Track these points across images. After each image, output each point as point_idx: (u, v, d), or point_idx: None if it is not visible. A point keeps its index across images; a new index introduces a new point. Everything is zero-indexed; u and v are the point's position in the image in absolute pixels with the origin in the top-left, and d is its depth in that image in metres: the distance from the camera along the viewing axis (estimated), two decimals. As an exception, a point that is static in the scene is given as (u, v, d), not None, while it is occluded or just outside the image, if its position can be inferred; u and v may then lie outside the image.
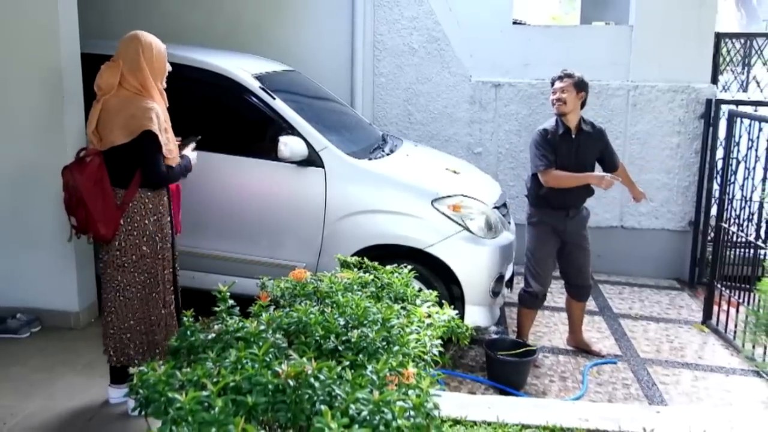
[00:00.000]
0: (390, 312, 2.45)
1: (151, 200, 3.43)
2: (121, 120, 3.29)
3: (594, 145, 4.57)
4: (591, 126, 4.60)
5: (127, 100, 3.33)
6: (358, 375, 1.99)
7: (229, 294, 2.51)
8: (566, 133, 4.50)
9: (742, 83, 6.68)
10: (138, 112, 3.29)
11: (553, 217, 4.56)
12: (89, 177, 3.33)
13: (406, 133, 6.46)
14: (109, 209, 3.35)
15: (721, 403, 4.22)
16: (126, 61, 3.36)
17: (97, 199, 3.33)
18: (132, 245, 3.41)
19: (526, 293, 4.68)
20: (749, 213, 5.39)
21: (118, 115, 3.30)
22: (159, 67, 3.45)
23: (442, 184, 4.63)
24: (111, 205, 3.35)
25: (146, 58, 3.38)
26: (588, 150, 4.54)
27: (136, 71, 3.35)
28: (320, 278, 2.84)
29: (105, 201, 3.34)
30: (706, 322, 5.38)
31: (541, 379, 4.44)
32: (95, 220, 3.34)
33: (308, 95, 5.45)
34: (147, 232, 3.42)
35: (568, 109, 4.45)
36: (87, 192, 3.32)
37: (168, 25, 6.39)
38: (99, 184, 3.34)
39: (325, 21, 6.47)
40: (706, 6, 6.26)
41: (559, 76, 4.52)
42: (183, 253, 4.69)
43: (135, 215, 3.40)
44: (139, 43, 3.39)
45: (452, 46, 6.44)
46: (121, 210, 3.38)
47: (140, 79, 3.36)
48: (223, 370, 1.96)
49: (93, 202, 3.33)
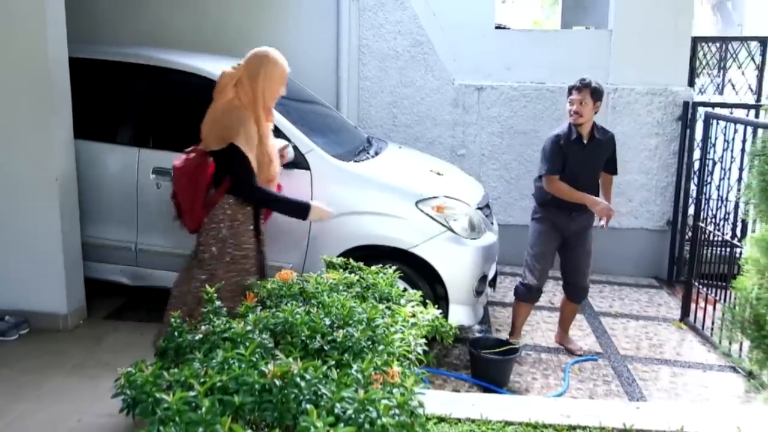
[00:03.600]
0: (375, 312, 2.49)
1: (231, 207, 3.47)
2: (218, 127, 3.40)
3: (604, 152, 4.64)
4: (603, 132, 4.65)
5: (230, 110, 3.41)
6: (344, 374, 2.03)
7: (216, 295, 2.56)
8: (578, 140, 4.54)
9: (718, 86, 6.79)
10: (232, 124, 3.36)
11: (556, 216, 4.62)
12: (183, 172, 3.50)
13: (390, 135, 6.52)
14: (197, 205, 3.49)
15: (699, 399, 4.31)
16: (248, 69, 3.45)
17: (187, 193, 3.51)
18: (207, 244, 3.48)
19: (521, 285, 4.78)
20: (725, 212, 5.49)
21: (217, 122, 3.41)
22: (274, 88, 3.51)
23: (426, 186, 4.69)
24: (199, 202, 3.49)
25: (266, 74, 3.45)
26: (598, 156, 4.61)
27: (252, 82, 3.43)
28: (306, 279, 2.88)
29: (195, 197, 3.49)
30: (684, 320, 5.48)
31: (524, 376, 4.51)
32: (182, 212, 3.58)
33: (294, 98, 5.46)
34: (219, 236, 3.46)
35: (585, 120, 4.50)
36: (179, 185, 3.54)
37: (155, 29, 6.42)
38: (192, 181, 3.48)
39: (310, 25, 6.50)
40: (683, 11, 6.37)
41: (577, 87, 4.50)
42: (170, 254, 4.75)
43: (215, 217, 3.47)
44: (267, 57, 3.48)
45: (436, 50, 6.51)
46: (206, 209, 3.48)
47: (253, 90, 3.43)
48: (210, 370, 1.99)
49: (183, 196, 3.53)
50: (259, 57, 3.47)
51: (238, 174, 3.41)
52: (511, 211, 6.60)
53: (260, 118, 3.47)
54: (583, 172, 4.56)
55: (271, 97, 3.52)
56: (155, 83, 4.91)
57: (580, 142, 4.55)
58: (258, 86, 3.43)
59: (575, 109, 4.49)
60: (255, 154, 3.44)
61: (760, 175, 2.80)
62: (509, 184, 6.63)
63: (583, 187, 4.54)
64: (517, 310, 4.87)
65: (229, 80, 3.43)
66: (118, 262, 4.88)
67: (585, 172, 4.57)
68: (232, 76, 3.44)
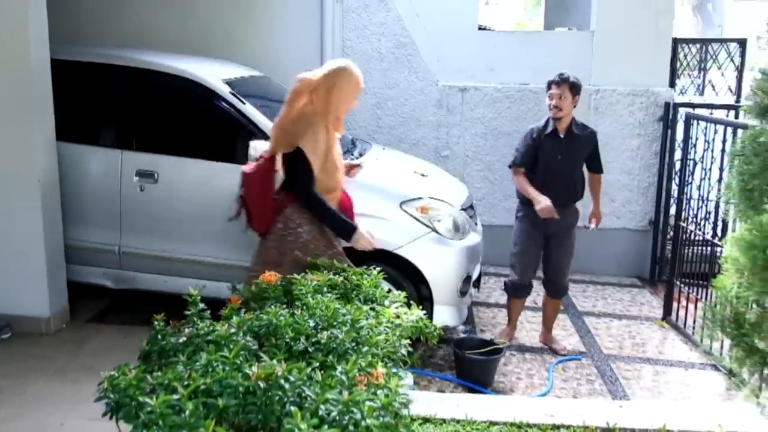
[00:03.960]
0: (359, 313, 2.48)
1: (306, 211, 3.56)
2: (289, 132, 3.49)
3: (582, 147, 4.69)
4: (582, 128, 4.70)
5: (302, 116, 3.50)
6: (328, 376, 2.02)
7: (200, 297, 2.55)
8: (554, 134, 4.62)
9: (698, 87, 6.86)
10: (303, 129, 3.46)
11: (537, 214, 4.64)
12: (253, 177, 3.58)
13: (374, 136, 6.53)
14: (266, 210, 3.58)
15: (681, 397, 4.36)
16: (326, 78, 3.50)
17: (256, 197, 3.58)
18: (288, 249, 3.53)
19: (507, 282, 4.90)
20: (706, 212, 5.54)
21: (288, 127, 3.50)
22: (347, 100, 3.58)
23: (410, 187, 4.70)
24: (268, 207, 3.57)
25: (342, 85, 3.52)
26: (576, 151, 4.66)
27: (328, 91, 3.49)
28: (291, 281, 2.88)
29: (263, 201, 3.57)
30: (666, 319, 5.53)
31: (509, 376, 4.54)
32: (252, 216, 3.65)
33: (278, 100, 5.44)
34: (300, 240, 3.53)
35: (564, 114, 4.58)
36: (250, 191, 3.60)
37: (139, 31, 6.40)
38: (261, 185, 3.58)
39: (295, 27, 6.51)
40: (664, 12, 6.43)
41: (556, 81, 4.57)
42: (154, 257, 4.74)
43: (290, 222, 3.55)
44: (346, 69, 3.55)
45: (419, 52, 6.53)
46: (275, 213, 3.55)
47: (327, 99, 3.50)
48: (193, 373, 1.97)
49: (252, 200, 3.60)
50: (338, 68, 3.54)
51: (299, 178, 3.52)
52: (495, 211, 6.63)
53: (330, 126, 3.56)
54: (558, 166, 4.62)
55: (344, 108, 3.59)
56: (138, 85, 4.89)
57: (556, 136, 4.62)
58: (333, 96, 3.50)
59: (555, 103, 4.55)
60: (321, 161, 3.51)
61: (739, 175, 2.81)
62: (493, 185, 6.66)
63: (559, 181, 4.61)
64: (509, 306, 5.01)
65: (306, 87, 3.50)
66: (101, 264, 4.86)
67: (561, 166, 4.62)
68: (309, 84, 3.49)
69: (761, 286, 2.60)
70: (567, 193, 4.66)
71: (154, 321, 2.40)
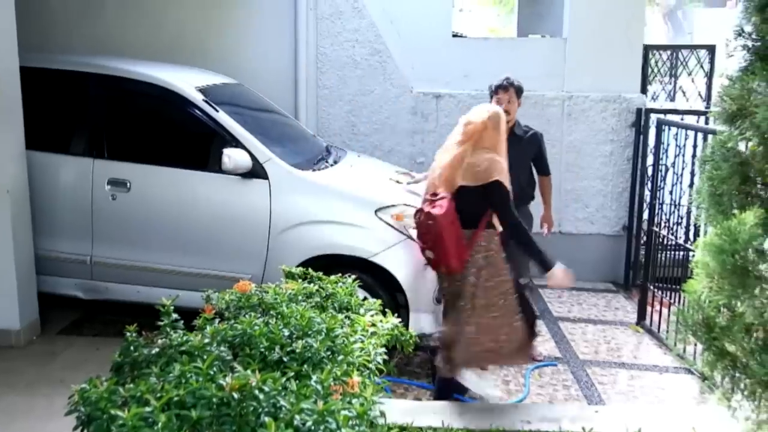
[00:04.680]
0: (334, 322, 2.48)
1: (485, 239, 3.74)
2: (473, 167, 3.72)
3: (526, 149, 4.72)
4: (525, 131, 4.75)
5: (481, 152, 3.76)
6: (303, 385, 2.01)
7: (173, 307, 2.52)
8: None
9: (669, 93, 6.94)
10: (492, 164, 3.72)
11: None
12: (446, 216, 3.67)
13: (349, 144, 6.52)
14: (461, 245, 3.69)
15: (656, 401, 4.38)
16: (491, 120, 3.80)
17: (452, 236, 3.67)
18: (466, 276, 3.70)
19: None
20: (678, 217, 5.60)
21: (471, 163, 3.73)
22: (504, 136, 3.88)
23: (385, 194, 4.70)
24: (462, 242, 3.70)
25: (501, 122, 3.83)
26: (519, 153, 4.67)
27: (496, 130, 3.80)
28: (265, 290, 2.85)
29: (458, 238, 3.69)
30: (640, 323, 5.57)
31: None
32: (450, 256, 3.68)
33: (252, 108, 5.47)
34: (477, 265, 3.69)
35: (512, 117, 4.62)
36: (445, 230, 3.66)
37: (111, 38, 6.35)
38: (453, 223, 3.68)
39: (268, 34, 6.49)
40: (635, 19, 6.50)
41: (503, 86, 4.62)
42: (127, 267, 4.68)
43: (489, 250, 3.75)
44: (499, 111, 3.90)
45: (394, 59, 6.54)
46: (469, 247, 3.70)
47: (497, 137, 3.80)
48: (166, 384, 1.95)
49: (449, 239, 3.67)
50: (497, 112, 3.87)
51: (507, 208, 3.77)
52: (471, 218, 6.63)
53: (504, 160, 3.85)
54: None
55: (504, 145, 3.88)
56: (110, 93, 4.85)
57: None
58: (500, 135, 3.82)
59: (505, 108, 4.56)
60: None
61: (709, 180, 2.84)
62: (468, 192, 6.66)
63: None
64: None
65: (482, 127, 3.77)
66: (72, 275, 4.80)
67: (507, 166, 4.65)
68: (483, 124, 3.78)
69: (731, 290, 2.62)
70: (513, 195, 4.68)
71: (127, 332, 2.37)
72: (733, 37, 2.76)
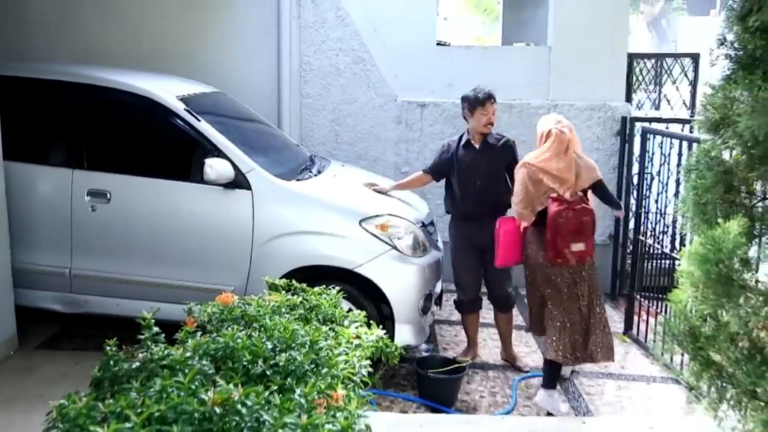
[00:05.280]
0: (318, 334, 2.44)
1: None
2: (585, 170, 4.28)
3: (499, 157, 4.73)
4: (497, 139, 4.76)
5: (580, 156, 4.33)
6: (287, 399, 1.98)
7: (154, 321, 2.47)
8: (468, 145, 4.73)
9: (654, 101, 6.97)
10: (592, 166, 4.35)
11: (465, 227, 4.77)
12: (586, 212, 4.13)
13: (333, 153, 6.48)
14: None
15: (644, 411, 4.36)
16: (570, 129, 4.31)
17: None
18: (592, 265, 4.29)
19: (455, 300, 4.97)
20: (664, 225, 5.60)
21: (581, 167, 4.27)
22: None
23: (370, 204, 4.67)
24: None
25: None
26: (492, 162, 4.71)
27: (574, 137, 4.34)
28: (248, 302, 2.81)
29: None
30: (627, 333, 5.56)
31: (472, 395, 4.50)
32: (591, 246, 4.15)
33: (234, 117, 5.43)
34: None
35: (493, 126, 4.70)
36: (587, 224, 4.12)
37: (91, 46, 6.28)
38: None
39: (251, 42, 6.45)
40: (619, 28, 6.53)
41: (491, 98, 4.67)
42: (107, 279, 4.61)
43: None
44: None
45: (378, 67, 6.51)
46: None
47: (575, 142, 4.34)
48: (147, 399, 1.91)
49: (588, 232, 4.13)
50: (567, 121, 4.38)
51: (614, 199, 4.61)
52: (456, 227, 6.60)
53: None
54: (475, 177, 4.69)
55: None
56: (90, 102, 4.78)
57: (471, 147, 4.73)
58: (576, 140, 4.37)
59: (491, 119, 4.69)
60: None
61: (693, 189, 2.85)
62: (453, 201, 6.64)
63: (478, 192, 4.69)
64: (463, 323, 5.04)
65: (572, 135, 4.30)
66: (51, 288, 4.70)
67: (478, 177, 4.69)
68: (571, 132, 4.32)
69: (715, 299, 2.63)
70: (489, 202, 4.71)
71: (107, 346, 2.32)
72: (715, 46, 2.77)
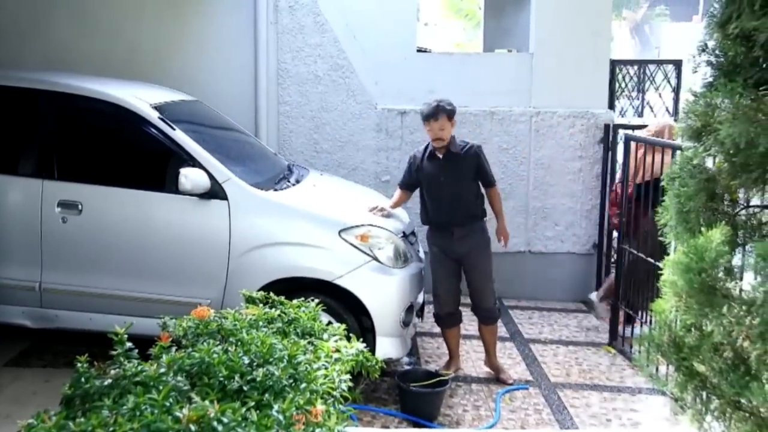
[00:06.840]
0: (296, 348, 2.37)
1: None
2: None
3: (464, 165, 4.66)
4: (461, 146, 4.69)
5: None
6: (264, 415, 1.93)
7: (127, 336, 2.37)
8: (432, 155, 4.69)
9: (637, 108, 6.96)
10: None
11: (439, 238, 4.72)
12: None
13: (312, 162, 6.39)
14: None
15: (629, 423, 4.30)
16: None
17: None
18: None
19: (434, 314, 4.86)
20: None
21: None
22: None
23: (350, 214, 4.58)
24: None
25: None
26: (458, 170, 4.65)
27: None
28: (224, 315, 2.73)
29: None
30: (612, 344, 5.51)
31: (455, 408, 4.41)
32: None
33: (210, 125, 5.33)
34: None
35: (446, 140, 4.61)
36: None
37: (64, 53, 6.17)
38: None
39: (227, 49, 6.36)
40: (602, 34, 6.52)
41: (434, 115, 4.54)
42: (78, 293, 4.47)
43: None
44: None
45: (357, 74, 6.44)
46: None
47: None
48: (120, 418, 1.86)
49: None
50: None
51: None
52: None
53: None
54: (442, 187, 4.65)
55: None
56: (61, 110, 4.65)
57: (435, 158, 4.69)
58: None
59: (437, 135, 4.59)
60: None
61: (676, 197, 2.81)
62: (434, 211, 6.57)
63: (447, 201, 4.64)
64: (444, 337, 4.94)
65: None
66: (20, 303, 4.54)
67: (445, 187, 4.64)
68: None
69: (698, 309, 2.59)
70: (460, 212, 4.65)
71: (78, 362, 2.24)
72: (697, 53, 2.74)
